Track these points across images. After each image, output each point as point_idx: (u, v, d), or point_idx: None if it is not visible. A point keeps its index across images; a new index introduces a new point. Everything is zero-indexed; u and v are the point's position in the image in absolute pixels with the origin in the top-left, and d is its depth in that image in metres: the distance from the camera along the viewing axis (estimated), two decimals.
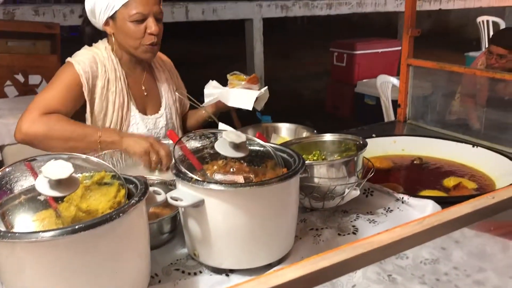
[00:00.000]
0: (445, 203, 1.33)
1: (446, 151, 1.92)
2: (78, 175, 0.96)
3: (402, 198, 1.41)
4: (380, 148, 1.94)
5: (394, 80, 3.73)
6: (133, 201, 0.89)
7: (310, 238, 1.23)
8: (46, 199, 0.94)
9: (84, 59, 1.62)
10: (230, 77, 1.81)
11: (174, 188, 1.12)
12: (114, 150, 1.51)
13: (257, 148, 1.21)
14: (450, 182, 1.67)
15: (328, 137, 1.48)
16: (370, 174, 1.36)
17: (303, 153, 1.40)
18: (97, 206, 0.94)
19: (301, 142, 1.48)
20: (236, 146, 1.11)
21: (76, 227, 0.80)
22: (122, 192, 0.96)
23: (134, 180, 0.99)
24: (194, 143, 1.21)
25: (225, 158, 1.15)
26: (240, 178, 1.09)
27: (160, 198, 1.01)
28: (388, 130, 2.29)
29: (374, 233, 1.08)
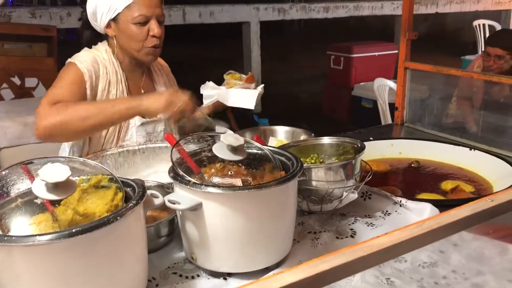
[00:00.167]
0: (443, 206, 1.33)
1: (443, 154, 1.92)
2: (75, 178, 0.96)
3: (400, 201, 1.41)
4: (377, 151, 1.94)
5: (391, 83, 3.74)
6: (130, 204, 0.88)
7: (308, 241, 1.22)
8: (43, 202, 0.93)
9: (86, 59, 1.62)
10: (226, 76, 1.80)
11: (172, 191, 1.11)
12: (119, 146, 1.51)
13: (255, 151, 1.21)
14: (447, 185, 1.68)
15: (326, 140, 1.47)
16: (368, 177, 1.36)
17: (301, 156, 1.39)
18: (94, 210, 0.93)
19: (298, 145, 1.48)
20: (234, 149, 1.11)
21: (73, 231, 0.79)
22: (120, 195, 0.96)
23: (132, 183, 0.99)
24: (191, 146, 1.21)
25: (223, 161, 1.14)
26: (238, 181, 1.08)
27: (157, 201, 1.01)
28: (385, 133, 2.29)
29: (372, 236, 1.08)
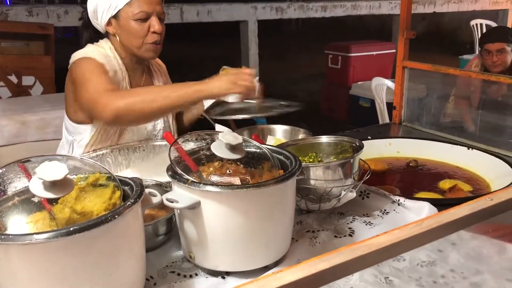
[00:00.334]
0: (441, 205, 1.33)
1: (441, 153, 1.92)
2: (72, 177, 0.95)
3: (398, 200, 1.41)
4: (375, 150, 1.94)
5: (389, 82, 3.74)
6: (128, 202, 0.88)
7: (306, 240, 1.22)
8: (40, 201, 0.93)
9: (97, 53, 1.60)
10: (222, 72, 1.81)
11: (170, 190, 1.11)
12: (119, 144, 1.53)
13: (253, 149, 1.20)
14: (445, 184, 1.67)
15: (324, 139, 1.47)
16: (366, 176, 1.36)
17: (299, 155, 1.39)
18: (92, 208, 0.92)
19: (297, 144, 1.48)
20: (232, 148, 1.11)
21: (70, 229, 0.79)
22: (117, 193, 0.95)
23: (130, 181, 0.98)
24: (190, 145, 1.21)
25: (221, 159, 1.14)
26: (236, 180, 1.08)
27: (155, 200, 1.00)
28: (383, 132, 2.29)
29: (370, 235, 1.08)
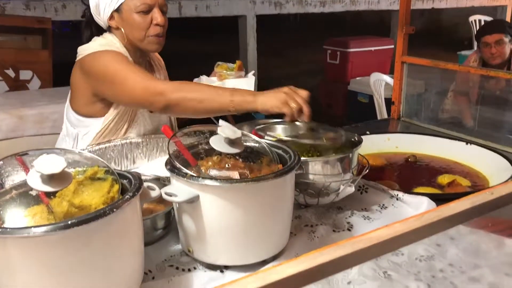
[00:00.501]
0: (440, 200, 1.33)
1: (440, 149, 1.92)
2: (70, 170, 0.95)
3: (397, 195, 1.41)
4: (374, 145, 1.94)
5: (387, 78, 3.74)
6: (127, 196, 0.88)
7: (304, 234, 1.22)
8: (38, 194, 0.92)
9: (112, 46, 1.59)
10: (217, 69, 1.82)
11: (168, 184, 1.11)
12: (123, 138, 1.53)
13: (252, 144, 1.20)
14: (444, 179, 1.68)
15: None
16: (365, 171, 1.35)
17: (298, 149, 1.39)
18: (90, 202, 0.92)
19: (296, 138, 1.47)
20: (231, 142, 1.10)
21: (68, 223, 0.78)
22: (116, 187, 0.95)
23: (128, 175, 0.98)
24: (189, 139, 1.20)
25: (220, 154, 1.14)
26: (235, 174, 1.08)
27: (154, 194, 1.00)
28: (382, 128, 2.29)
29: (369, 229, 1.08)
